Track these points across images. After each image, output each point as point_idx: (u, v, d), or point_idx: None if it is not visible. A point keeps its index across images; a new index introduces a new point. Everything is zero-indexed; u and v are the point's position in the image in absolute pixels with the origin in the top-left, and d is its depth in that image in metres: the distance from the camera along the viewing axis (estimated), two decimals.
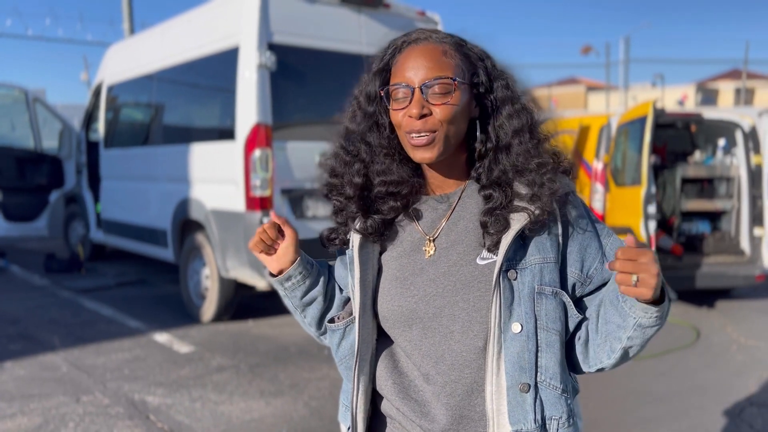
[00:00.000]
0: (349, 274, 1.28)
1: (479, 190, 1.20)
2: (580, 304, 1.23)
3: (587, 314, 1.22)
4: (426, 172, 1.25)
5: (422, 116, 1.13)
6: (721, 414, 3.81)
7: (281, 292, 1.35)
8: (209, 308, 5.74)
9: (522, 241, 1.16)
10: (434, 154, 1.15)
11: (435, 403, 1.19)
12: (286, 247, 1.31)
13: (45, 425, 3.62)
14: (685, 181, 6.82)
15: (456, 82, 1.13)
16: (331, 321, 1.32)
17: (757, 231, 6.34)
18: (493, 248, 1.16)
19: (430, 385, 1.20)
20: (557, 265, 1.17)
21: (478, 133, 1.19)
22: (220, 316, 5.75)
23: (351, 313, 1.29)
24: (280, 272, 1.33)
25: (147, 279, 7.82)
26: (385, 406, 1.26)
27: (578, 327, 1.22)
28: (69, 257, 8.48)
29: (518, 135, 1.17)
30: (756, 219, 6.36)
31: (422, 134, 1.14)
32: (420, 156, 1.16)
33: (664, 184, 6.79)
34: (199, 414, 3.79)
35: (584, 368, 1.23)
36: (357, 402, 1.25)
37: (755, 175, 6.36)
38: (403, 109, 1.15)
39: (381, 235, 1.24)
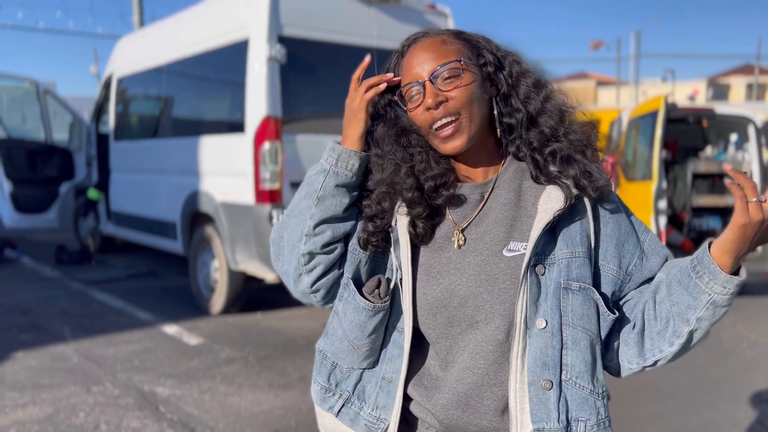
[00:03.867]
0: (393, 255, 1.20)
1: (529, 158, 1.16)
2: (617, 304, 1.19)
3: (637, 305, 1.17)
4: (455, 162, 1.22)
5: (439, 104, 1.12)
6: (731, 410, 3.79)
7: (324, 165, 1.19)
8: (218, 300, 5.76)
9: (551, 235, 1.13)
10: (463, 142, 1.14)
11: (444, 388, 1.18)
12: (363, 111, 1.18)
13: (56, 415, 3.65)
14: (696, 176, 6.78)
15: (462, 63, 1.13)
16: (364, 297, 1.19)
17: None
18: (521, 239, 1.14)
19: (446, 373, 1.18)
20: (587, 260, 1.14)
21: (495, 111, 1.17)
22: (228, 309, 5.77)
23: (387, 292, 1.20)
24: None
25: (156, 271, 7.85)
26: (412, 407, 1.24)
27: (627, 320, 1.17)
28: (79, 249, 8.53)
29: (549, 101, 1.17)
30: None
31: (445, 122, 1.13)
32: (450, 147, 1.14)
33: (675, 180, 6.75)
34: (208, 405, 3.81)
35: (638, 363, 1.18)
36: (401, 388, 1.20)
37: (767, 171, 6.31)
38: (418, 107, 1.15)
39: (431, 233, 1.19)
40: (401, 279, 1.18)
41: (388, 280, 1.22)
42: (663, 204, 5.87)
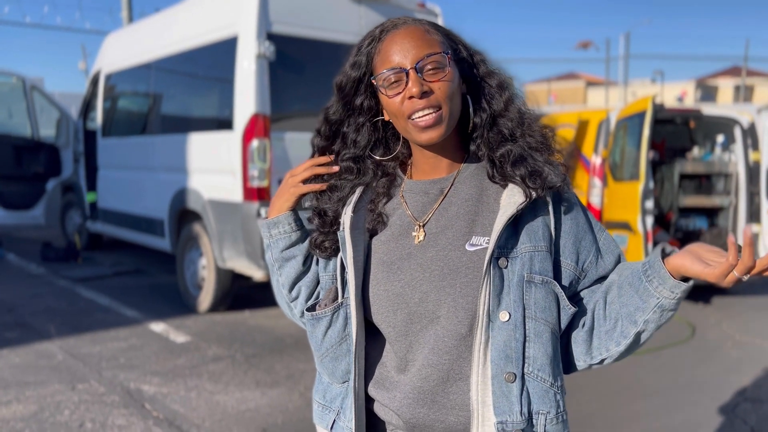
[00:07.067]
0: (341, 256, 1.24)
1: (486, 157, 1.19)
2: (574, 299, 1.20)
3: (588, 304, 1.20)
4: (419, 155, 1.23)
5: (423, 94, 1.11)
6: (715, 409, 3.82)
7: (266, 241, 1.32)
8: (206, 298, 5.74)
9: (514, 229, 1.14)
10: (441, 132, 1.13)
11: (407, 387, 1.17)
12: (293, 194, 1.29)
13: (40, 412, 3.62)
14: (683, 176, 6.82)
15: (448, 56, 1.13)
16: (312, 309, 1.28)
17: (754, 228, 6.35)
18: (484, 233, 1.15)
19: (406, 374, 1.18)
20: (549, 254, 1.15)
21: (470, 108, 1.19)
22: (216, 307, 5.75)
23: (335, 300, 1.25)
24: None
25: (144, 269, 7.81)
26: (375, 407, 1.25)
27: (578, 317, 1.20)
28: (66, 246, 8.46)
29: (511, 103, 1.19)
30: (753, 215, 6.37)
31: (427, 112, 1.12)
32: (427, 137, 1.13)
33: (662, 180, 6.79)
34: (195, 403, 3.80)
35: (585, 360, 1.20)
36: (357, 389, 1.21)
37: (753, 172, 6.36)
38: (399, 94, 1.13)
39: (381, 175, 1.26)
40: (347, 278, 1.20)
41: (339, 287, 1.25)
42: (650, 204, 5.90)
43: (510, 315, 1.11)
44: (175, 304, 6.06)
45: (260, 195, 5.03)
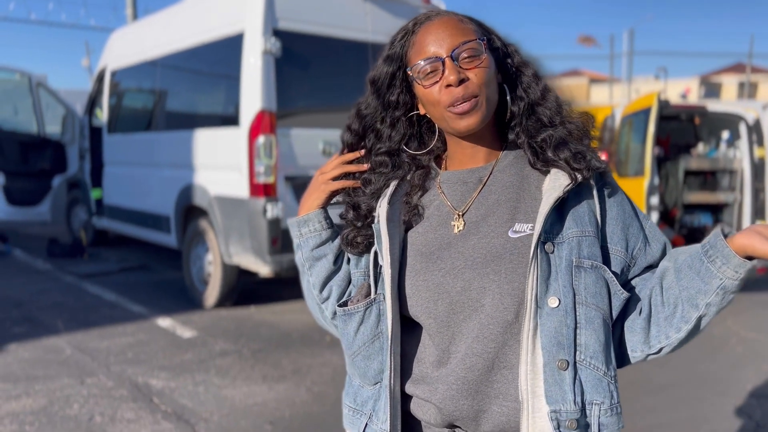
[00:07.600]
0: (374, 250, 1.21)
1: (526, 145, 1.17)
2: (625, 288, 1.16)
3: (642, 291, 1.17)
4: (456, 146, 1.21)
5: (460, 82, 1.10)
6: (720, 405, 3.84)
7: (295, 241, 1.29)
8: (212, 294, 5.77)
9: (558, 214, 1.12)
10: (479, 120, 1.12)
11: (450, 378, 1.12)
12: (323, 192, 1.27)
13: (50, 406, 3.65)
14: (688, 173, 6.82)
15: (484, 42, 1.13)
16: (344, 305, 1.23)
17: (758, 224, 6.35)
18: (527, 220, 1.13)
19: (447, 367, 1.14)
20: (596, 239, 1.12)
21: (508, 96, 1.17)
22: (222, 302, 5.77)
23: (367, 296, 1.21)
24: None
25: (149, 264, 7.84)
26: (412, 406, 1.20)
27: (632, 305, 1.16)
28: (71, 242, 8.50)
29: (548, 92, 1.18)
30: (758, 212, 6.37)
31: (465, 100, 1.11)
32: (465, 124, 1.12)
33: (667, 176, 6.80)
34: (203, 397, 3.82)
35: (642, 350, 1.16)
36: (392, 386, 1.16)
37: (758, 168, 6.37)
38: (435, 83, 1.12)
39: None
40: (381, 269, 1.17)
41: (372, 283, 1.22)
42: (655, 200, 5.91)
43: (560, 301, 1.08)
44: (181, 299, 6.09)
45: (266, 191, 5.05)
